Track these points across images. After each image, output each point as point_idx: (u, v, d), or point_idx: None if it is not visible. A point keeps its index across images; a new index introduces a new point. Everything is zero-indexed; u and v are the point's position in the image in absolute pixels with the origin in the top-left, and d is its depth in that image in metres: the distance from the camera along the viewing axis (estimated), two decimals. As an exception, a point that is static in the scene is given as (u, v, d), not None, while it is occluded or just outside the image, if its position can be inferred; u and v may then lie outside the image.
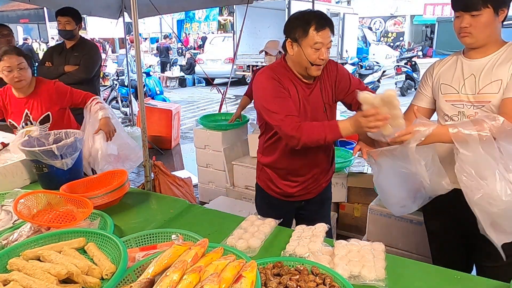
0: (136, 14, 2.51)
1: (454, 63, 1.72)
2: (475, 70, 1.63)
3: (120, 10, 5.30)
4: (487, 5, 1.51)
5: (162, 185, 3.44)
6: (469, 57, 1.67)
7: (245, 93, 4.02)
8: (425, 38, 23.62)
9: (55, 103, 2.54)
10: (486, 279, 1.32)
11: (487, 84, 1.58)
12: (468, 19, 1.55)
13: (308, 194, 2.01)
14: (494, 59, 1.59)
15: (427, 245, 2.07)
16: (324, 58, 1.72)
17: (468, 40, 1.60)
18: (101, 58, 3.96)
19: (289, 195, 1.99)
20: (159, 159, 3.75)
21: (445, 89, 1.72)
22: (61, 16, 3.47)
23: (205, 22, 23.25)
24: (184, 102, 10.70)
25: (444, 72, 1.74)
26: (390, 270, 1.35)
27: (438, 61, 1.83)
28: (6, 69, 2.33)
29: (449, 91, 1.70)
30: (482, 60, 1.62)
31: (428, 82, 1.81)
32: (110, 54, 13.59)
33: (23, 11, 19.52)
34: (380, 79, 11.38)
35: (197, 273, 1.06)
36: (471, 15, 1.54)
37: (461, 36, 1.60)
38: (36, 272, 1.10)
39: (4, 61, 2.32)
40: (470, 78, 1.64)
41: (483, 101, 1.59)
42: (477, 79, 1.61)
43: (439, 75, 1.76)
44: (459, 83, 1.66)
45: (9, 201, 1.75)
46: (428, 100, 1.81)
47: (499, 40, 1.62)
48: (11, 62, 2.32)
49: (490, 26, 1.55)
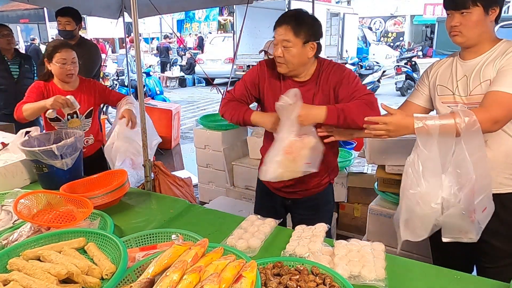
0: (136, 14, 2.50)
1: (450, 64, 1.73)
2: (467, 71, 1.64)
3: (120, 10, 5.29)
4: (476, 3, 1.52)
5: (162, 185, 3.44)
6: (463, 58, 1.68)
7: None
8: (425, 38, 23.62)
9: (96, 99, 2.64)
10: (486, 279, 1.32)
11: (477, 86, 1.59)
12: (458, 18, 1.57)
13: (294, 194, 1.98)
14: (485, 59, 1.60)
15: (427, 245, 2.07)
16: (277, 55, 1.71)
17: (458, 39, 1.61)
18: (101, 58, 3.96)
19: (276, 187, 1.99)
20: (159, 159, 3.75)
21: (441, 91, 1.73)
22: (61, 16, 3.46)
23: (205, 22, 23.24)
24: (184, 102, 10.70)
25: (441, 73, 1.75)
26: (390, 270, 1.35)
27: (436, 61, 1.84)
28: (61, 61, 2.39)
29: (444, 93, 1.71)
30: (474, 61, 1.63)
31: (425, 81, 1.82)
32: (110, 54, 13.58)
33: (23, 11, 19.52)
34: (380, 79, 11.39)
35: (197, 273, 1.06)
36: (461, 13, 1.55)
37: (452, 35, 1.62)
38: (36, 272, 1.10)
39: (60, 53, 2.39)
40: (462, 80, 1.65)
41: (475, 102, 1.59)
42: (469, 81, 1.62)
43: (436, 76, 1.76)
44: (453, 85, 1.68)
45: (9, 201, 1.75)
46: (424, 98, 1.82)
47: (491, 39, 1.61)
48: (67, 56, 2.40)
49: (480, 24, 1.55)
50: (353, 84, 1.74)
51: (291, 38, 1.68)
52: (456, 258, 1.85)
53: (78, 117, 2.55)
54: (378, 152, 2.45)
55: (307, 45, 1.71)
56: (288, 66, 1.74)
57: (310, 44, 1.71)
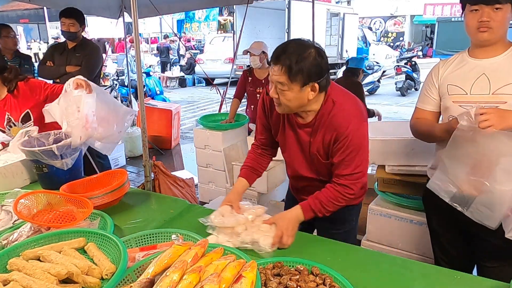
0: (136, 14, 2.51)
1: (460, 63, 1.68)
2: (486, 70, 1.58)
3: (120, 10, 5.30)
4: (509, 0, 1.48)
5: (162, 185, 3.44)
6: (475, 57, 1.63)
7: (234, 96, 4.01)
8: (425, 38, 23.64)
9: (29, 100, 2.49)
10: (486, 279, 1.32)
11: (504, 85, 1.54)
12: (489, 13, 1.50)
13: None
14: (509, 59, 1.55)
15: (427, 245, 2.07)
16: (272, 95, 1.54)
17: (486, 36, 1.54)
18: (102, 59, 3.96)
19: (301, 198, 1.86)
20: (159, 159, 3.75)
21: (452, 90, 1.66)
22: (65, 17, 3.44)
23: (205, 22, 23.25)
24: (184, 102, 10.70)
25: (450, 72, 1.69)
26: (390, 270, 1.36)
27: (442, 61, 1.76)
28: None
29: (456, 92, 1.65)
30: (492, 60, 1.59)
31: (434, 83, 1.74)
32: (110, 54, 13.59)
33: (23, 11, 19.55)
34: (380, 79, 11.41)
35: (197, 273, 1.06)
36: (494, 8, 1.49)
37: (480, 30, 1.53)
38: (36, 272, 1.10)
39: None
40: (481, 78, 1.59)
41: (499, 101, 1.55)
42: (490, 80, 1.57)
43: (445, 75, 1.70)
44: (468, 84, 1.62)
45: (9, 201, 1.75)
46: (435, 103, 1.75)
47: (506, 40, 1.59)
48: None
49: (507, 23, 1.51)
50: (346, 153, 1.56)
51: (286, 81, 1.46)
52: (458, 257, 1.85)
53: (15, 125, 2.47)
54: (378, 152, 2.45)
55: (306, 88, 1.48)
56: (285, 109, 1.57)
57: (310, 85, 1.48)
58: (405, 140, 2.35)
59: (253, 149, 1.91)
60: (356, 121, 1.55)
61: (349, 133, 1.53)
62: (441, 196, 1.58)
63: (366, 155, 1.63)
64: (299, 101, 1.52)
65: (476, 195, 1.47)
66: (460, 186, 1.52)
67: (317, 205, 1.59)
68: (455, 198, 1.56)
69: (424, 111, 1.79)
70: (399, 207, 2.49)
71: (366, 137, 1.60)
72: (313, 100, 1.55)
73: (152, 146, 5.84)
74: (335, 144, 1.57)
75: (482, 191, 1.46)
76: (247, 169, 1.85)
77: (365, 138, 1.59)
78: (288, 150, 1.78)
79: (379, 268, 1.38)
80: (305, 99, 1.51)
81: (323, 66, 1.49)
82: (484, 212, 1.46)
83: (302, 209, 1.59)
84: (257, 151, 1.89)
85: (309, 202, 1.60)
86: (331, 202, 1.59)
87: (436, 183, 1.60)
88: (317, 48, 1.49)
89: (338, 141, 1.56)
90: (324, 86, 1.53)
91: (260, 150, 1.89)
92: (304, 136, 1.67)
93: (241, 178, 1.83)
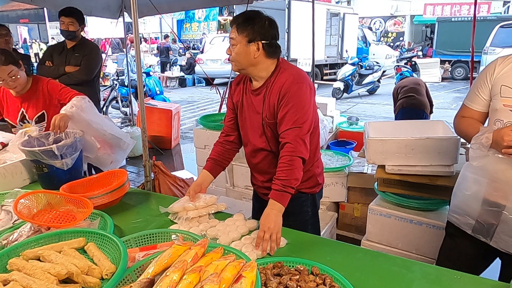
0: (136, 14, 2.51)
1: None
2: None
3: (120, 10, 5.30)
4: None
5: (162, 185, 3.44)
6: None
7: None
8: (425, 38, 23.62)
9: (48, 101, 2.53)
10: (486, 279, 1.33)
11: None
12: None
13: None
14: None
15: (427, 245, 2.07)
16: (227, 53, 1.72)
17: None
18: (101, 59, 3.95)
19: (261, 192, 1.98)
20: (159, 159, 3.74)
21: (505, 92, 1.50)
22: (64, 16, 3.44)
23: (205, 22, 23.23)
24: (184, 102, 10.70)
25: (505, 73, 1.52)
26: (390, 270, 1.35)
27: (500, 58, 1.58)
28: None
29: (509, 95, 1.49)
30: None
31: (487, 81, 1.57)
32: (110, 54, 13.59)
33: (23, 11, 19.55)
34: (380, 79, 11.40)
35: (197, 273, 1.06)
36: None
37: None
38: (36, 272, 1.10)
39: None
40: None
41: None
42: None
43: (501, 74, 1.53)
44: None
45: (9, 201, 1.75)
46: (484, 104, 1.60)
47: None
48: (2, 74, 2.27)
49: None
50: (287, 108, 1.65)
51: (235, 36, 1.65)
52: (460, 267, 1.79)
53: (28, 122, 2.50)
54: (378, 152, 2.45)
55: (252, 44, 1.64)
56: (236, 64, 1.71)
57: (255, 44, 1.64)
58: (405, 140, 2.35)
59: (218, 142, 2.00)
60: (297, 81, 1.67)
61: (289, 89, 1.65)
62: (462, 228, 1.58)
63: (307, 117, 1.67)
64: (247, 57, 1.66)
65: (496, 224, 1.47)
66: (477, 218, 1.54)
67: (279, 184, 1.60)
68: (476, 229, 1.56)
69: (471, 110, 1.65)
70: (399, 207, 2.49)
71: (307, 99, 1.68)
72: (263, 66, 1.70)
73: (152, 146, 5.84)
74: (279, 104, 1.67)
75: (501, 221, 1.47)
76: (211, 162, 1.96)
77: (307, 99, 1.67)
78: (244, 120, 1.84)
79: (379, 268, 1.38)
80: (251, 55, 1.65)
81: (271, 33, 1.67)
82: (508, 241, 1.49)
83: (274, 199, 1.59)
84: (222, 144, 1.98)
85: (273, 188, 1.62)
86: (286, 170, 1.60)
87: (454, 216, 1.63)
88: (270, 19, 1.68)
89: (281, 99, 1.67)
90: (270, 52, 1.68)
91: (225, 143, 1.97)
92: (257, 104, 1.75)
93: (205, 170, 1.95)
